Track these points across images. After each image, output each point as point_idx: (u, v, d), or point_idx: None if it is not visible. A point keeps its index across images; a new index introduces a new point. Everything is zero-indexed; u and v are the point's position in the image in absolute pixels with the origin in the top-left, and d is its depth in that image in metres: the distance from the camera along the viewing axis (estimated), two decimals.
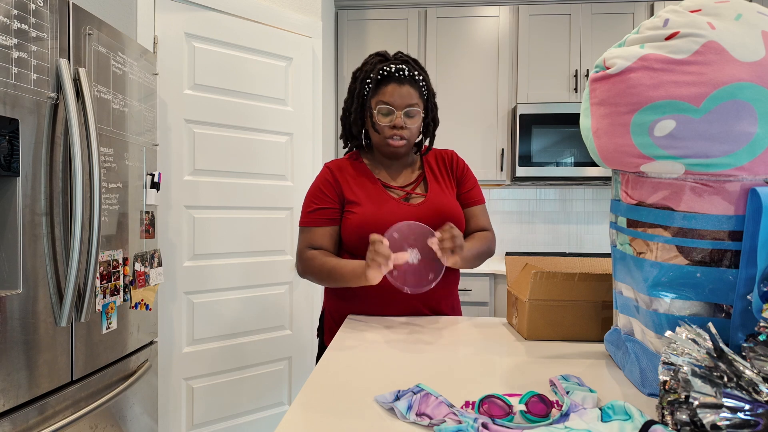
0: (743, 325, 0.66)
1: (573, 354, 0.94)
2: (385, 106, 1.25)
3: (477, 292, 2.61)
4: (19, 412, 1.08)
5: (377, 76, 1.26)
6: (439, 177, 1.37)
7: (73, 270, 1.19)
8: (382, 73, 1.26)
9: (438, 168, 1.38)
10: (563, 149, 2.75)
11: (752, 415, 0.49)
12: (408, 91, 1.26)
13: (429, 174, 1.36)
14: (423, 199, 1.31)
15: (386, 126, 1.27)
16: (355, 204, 1.28)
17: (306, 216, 1.31)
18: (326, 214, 1.29)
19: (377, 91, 1.27)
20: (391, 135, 1.27)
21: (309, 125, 2.37)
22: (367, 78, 1.28)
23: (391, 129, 1.27)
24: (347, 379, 0.80)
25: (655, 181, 0.73)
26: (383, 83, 1.26)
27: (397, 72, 1.25)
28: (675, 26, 0.70)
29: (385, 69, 1.26)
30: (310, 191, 1.34)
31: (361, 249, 1.26)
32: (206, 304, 2.08)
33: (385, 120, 1.26)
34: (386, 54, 1.32)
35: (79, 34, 1.28)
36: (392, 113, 1.26)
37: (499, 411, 0.63)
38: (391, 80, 1.25)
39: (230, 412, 2.17)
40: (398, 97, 1.25)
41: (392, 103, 1.25)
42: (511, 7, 2.88)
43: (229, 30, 2.11)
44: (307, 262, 1.27)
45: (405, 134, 1.27)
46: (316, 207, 1.30)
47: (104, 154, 1.39)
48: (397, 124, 1.26)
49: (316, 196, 1.31)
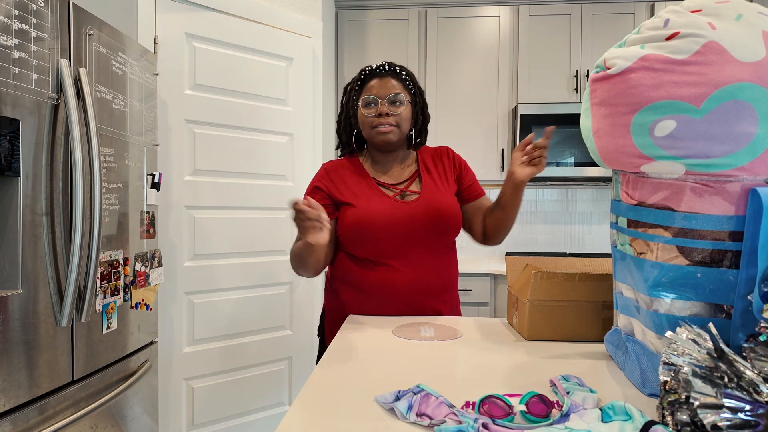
0: (744, 326, 0.66)
1: (573, 354, 0.94)
2: (368, 97, 1.30)
3: (477, 292, 2.61)
4: (19, 412, 1.08)
5: (360, 77, 1.34)
6: (434, 174, 1.36)
7: (74, 270, 1.19)
8: (365, 72, 1.33)
9: (434, 165, 1.38)
10: (563, 149, 2.75)
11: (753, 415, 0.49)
12: (390, 82, 1.30)
13: (424, 171, 1.36)
14: (417, 196, 1.31)
15: (372, 116, 1.30)
16: (349, 203, 1.29)
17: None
18: None
19: (362, 90, 1.33)
20: (378, 124, 1.29)
21: (309, 125, 2.37)
22: (354, 86, 1.35)
23: (377, 118, 1.29)
24: (347, 380, 0.80)
25: (655, 182, 0.73)
26: (366, 81, 1.33)
27: (378, 68, 1.32)
28: (675, 26, 0.70)
29: (366, 68, 1.33)
30: (306, 191, 1.38)
31: (358, 247, 1.28)
32: (206, 304, 2.08)
33: (371, 111, 1.30)
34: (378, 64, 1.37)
35: (80, 34, 1.28)
36: (376, 103, 1.29)
37: (500, 411, 0.63)
38: (372, 76, 1.32)
39: (230, 412, 2.17)
40: (380, 88, 1.30)
41: (376, 94, 1.29)
42: (511, 7, 2.88)
43: (229, 30, 2.11)
44: (291, 256, 1.31)
45: (392, 120, 1.29)
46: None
47: (105, 154, 1.39)
48: (381, 112, 1.28)
49: (310, 195, 1.34)
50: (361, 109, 1.31)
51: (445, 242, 1.32)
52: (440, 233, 1.29)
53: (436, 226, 1.27)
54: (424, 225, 1.26)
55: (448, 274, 1.33)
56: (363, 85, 1.33)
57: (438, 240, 1.29)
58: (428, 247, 1.29)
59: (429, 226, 1.27)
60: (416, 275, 1.27)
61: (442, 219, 1.27)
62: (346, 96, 1.38)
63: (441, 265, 1.31)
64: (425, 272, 1.28)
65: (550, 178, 2.77)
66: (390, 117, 1.28)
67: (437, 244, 1.30)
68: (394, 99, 1.29)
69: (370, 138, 1.33)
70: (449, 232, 1.30)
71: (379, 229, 1.25)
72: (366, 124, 1.31)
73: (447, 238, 1.32)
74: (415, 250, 1.27)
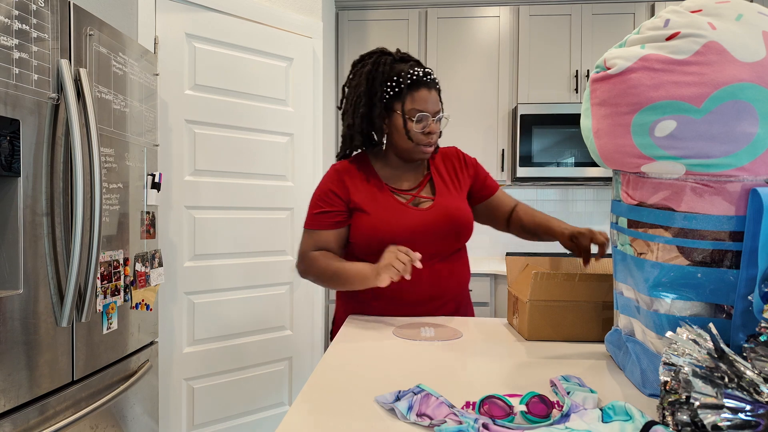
0: (744, 326, 0.66)
1: (573, 354, 0.94)
2: (422, 114, 1.22)
3: (478, 292, 2.61)
4: (19, 413, 1.08)
5: (407, 80, 1.21)
6: (446, 178, 1.34)
7: (74, 270, 1.19)
8: (412, 77, 1.21)
9: (446, 168, 1.36)
10: (564, 150, 2.75)
11: (753, 415, 0.49)
12: (435, 96, 1.24)
13: (436, 176, 1.34)
14: (431, 203, 1.28)
15: (420, 133, 1.23)
16: (363, 210, 1.26)
17: (312, 218, 1.29)
18: (332, 217, 1.27)
19: (408, 97, 1.22)
20: (426, 142, 1.24)
21: (309, 126, 2.37)
22: (389, 81, 1.23)
23: (425, 136, 1.23)
24: (348, 380, 0.80)
25: (655, 182, 0.73)
26: (414, 88, 1.22)
27: (425, 77, 1.23)
28: (676, 26, 0.70)
29: (413, 73, 1.22)
30: (316, 193, 1.30)
31: (370, 254, 1.24)
32: (207, 304, 2.08)
33: (419, 126, 1.22)
34: (391, 52, 1.27)
35: (80, 34, 1.28)
36: (426, 119, 1.23)
37: (500, 411, 0.63)
38: (421, 85, 1.22)
39: (231, 412, 2.17)
40: (430, 103, 1.23)
41: (426, 110, 1.22)
42: (511, 8, 2.88)
43: (229, 30, 2.11)
44: (310, 263, 1.26)
45: (434, 140, 1.26)
46: (322, 210, 1.27)
47: (105, 155, 1.39)
48: (432, 131, 1.23)
49: (323, 199, 1.28)
50: (412, 124, 1.22)
51: (458, 247, 1.32)
52: (454, 239, 1.28)
53: (451, 232, 1.26)
54: (438, 232, 1.25)
55: (461, 276, 1.32)
56: (410, 90, 1.22)
57: (452, 246, 1.29)
58: (442, 254, 1.28)
59: (443, 233, 1.25)
60: (431, 281, 1.26)
61: (456, 226, 1.26)
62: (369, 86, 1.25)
63: (454, 269, 1.30)
64: (440, 278, 1.27)
65: (550, 178, 2.77)
66: (434, 135, 1.25)
67: (451, 249, 1.29)
68: (440, 117, 1.25)
69: (409, 152, 1.26)
70: (462, 237, 1.30)
71: (395, 238, 1.22)
72: (410, 138, 1.23)
73: (460, 243, 1.31)
74: (430, 256, 1.26)
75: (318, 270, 1.24)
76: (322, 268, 1.23)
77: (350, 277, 1.18)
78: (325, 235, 1.27)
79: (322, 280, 1.24)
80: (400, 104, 1.23)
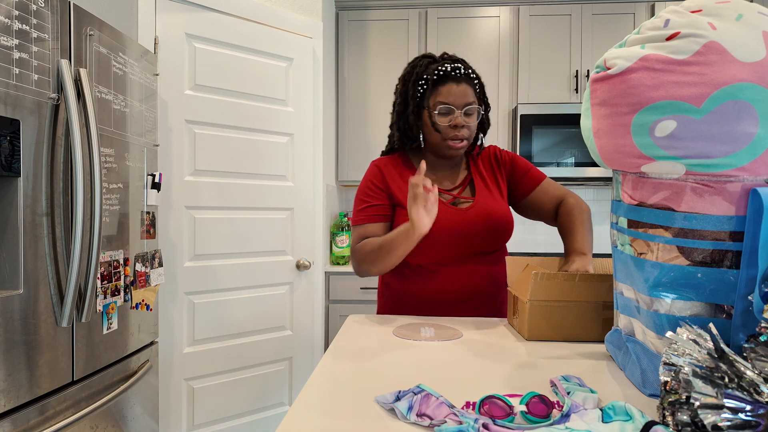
0: (744, 326, 0.66)
1: (574, 354, 0.94)
2: (445, 106, 1.22)
3: None
4: (19, 413, 1.08)
5: (433, 77, 1.23)
6: (487, 178, 1.34)
7: (74, 270, 1.19)
8: (438, 73, 1.23)
9: (485, 169, 1.36)
10: (564, 150, 2.75)
11: (753, 415, 0.49)
12: (465, 89, 1.23)
13: (476, 176, 1.34)
14: (471, 203, 1.28)
15: (447, 126, 1.23)
16: (403, 206, 1.27)
17: (358, 214, 1.30)
18: (378, 210, 1.28)
19: (434, 91, 1.24)
20: (453, 136, 1.24)
21: (309, 126, 2.37)
22: (420, 80, 1.25)
23: (452, 129, 1.23)
24: (348, 380, 0.80)
25: (655, 182, 0.73)
26: (440, 83, 1.23)
27: (453, 71, 1.23)
28: (676, 27, 0.70)
29: (440, 69, 1.23)
30: (359, 190, 1.32)
31: (411, 254, 1.26)
32: (207, 304, 2.08)
33: (445, 120, 1.23)
34: (433, 55, 1.30)
35: (80, 34, 1.28)
36: (452, 112, 1.23)
37: (500, 411, 0.63)
38: (447, 79, 1.23)
39: (231, 412, 2.17)
40: (457, 96, 1.22)
41: (452, 102, 1.22)
42: (511, 8, 2.88)
43: (229, 30, 2.11)
44: (359, 251, 1.25)
45: (465, 134, 1.24)
46: (367, 204, 1.29)
47: (105, 155, 1.39)
48: (457, 123, 1.23)
49: (366, 194, 1.30)
50: (437, 117, 1.24)
51: (496, 248, 1.31)
52: (494, 241, 1.28)
53: (490, 233, 1.26)
54: (478, 233, 1.25)
55: (499, 276, 1.33)
56: (436, 85, 1.24)
57: (490, 247, 1.29)
58: (481, 254, 1.28)
59: (483, 234, 1.26)
60: (470, 281, 1.27)
61: (496, 227, 1.26)
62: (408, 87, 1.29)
63: (493, 269, 1.31)
64: (479, 278, 1.28)
65: (550, 178, 2.77)
66: (463, 129, 1.24)
67: (489, 250, 1.30)
68: (468, 110, 1.24)
69: (439, 147, 1.27)
70: (502, 239, 1.29)
71: (436, 238, 1.23)
72: (438, 133, 1.25)
73: (499, 245, 1.31)
74: (469, 257, 1.27)
75: (367, 252, 1.23)
76: (369, 248, 1.22)
77: (394, 240, 1.16)
78: (371, 228, 1.28)
79: (375, 261, 1.22)
80: (428, 100, 1.25)
